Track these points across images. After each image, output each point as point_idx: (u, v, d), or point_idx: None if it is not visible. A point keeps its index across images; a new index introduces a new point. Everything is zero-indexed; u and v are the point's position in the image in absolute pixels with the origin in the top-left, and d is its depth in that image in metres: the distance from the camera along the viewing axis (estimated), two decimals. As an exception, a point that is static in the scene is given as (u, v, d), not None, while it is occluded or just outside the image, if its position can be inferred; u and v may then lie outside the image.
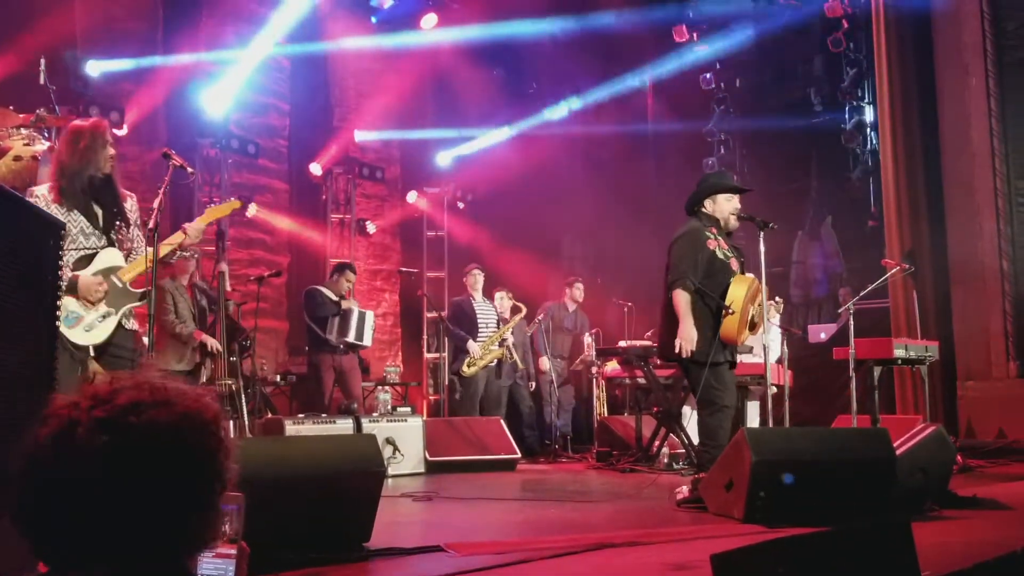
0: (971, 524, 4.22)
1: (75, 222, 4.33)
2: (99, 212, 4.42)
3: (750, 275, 5.48)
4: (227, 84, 10.25)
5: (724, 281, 5.32)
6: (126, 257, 4.48)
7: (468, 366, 8.69)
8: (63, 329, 4.19)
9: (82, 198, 4.36)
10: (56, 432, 1.18)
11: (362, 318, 8.47)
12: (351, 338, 8.35)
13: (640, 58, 12.29)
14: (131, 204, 4.61)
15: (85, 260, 4.36)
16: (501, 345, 8.92)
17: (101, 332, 4.32)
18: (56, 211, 4.25)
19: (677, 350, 5.24)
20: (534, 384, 9.55)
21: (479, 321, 8.89)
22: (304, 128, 11.64)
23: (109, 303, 4.35)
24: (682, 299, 5.28)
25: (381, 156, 12.61)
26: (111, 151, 4.44)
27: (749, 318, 5.37)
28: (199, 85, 9.97)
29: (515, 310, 9.21)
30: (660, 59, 12.13)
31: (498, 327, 8.99)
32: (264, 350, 10.11)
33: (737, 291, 5.28)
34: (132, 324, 4.52)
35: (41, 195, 4.32)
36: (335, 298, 8.45)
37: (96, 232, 4.39)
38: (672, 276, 5.36)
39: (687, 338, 5.21)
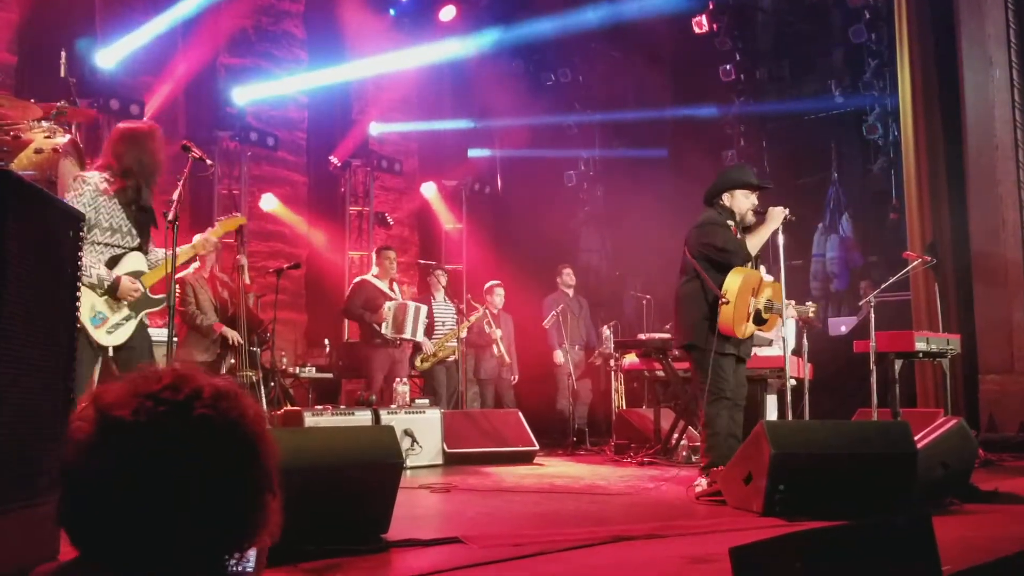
0: (993, 518, 4.19)
1: (116, 216, 4.37)
2: (138, 214, 4.48)
3: (750, 269, 5.44)
4: (245, 76, 10.28)
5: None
6: None
7: (421, 362, 8.92)
8: (88, 327, 4.29)
9: (129, 195, 4.40)
10: (120, 425, 1.17)
11: (418, 312, 8.46)
12: (407, 334, 8.37)
13: (659, 48, 12.24)
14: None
15: (114, 260, 4.41)
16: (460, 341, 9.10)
17: (122, 334, 4.43)
18: (104, 201, 4.31)
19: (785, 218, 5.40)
20: (515, 377, 9.72)
21: (436, 320, 9.09)
22: (322, 121, 11.66)
23: (131, 306, 4.45)
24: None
25: (399, 148, 12.61)
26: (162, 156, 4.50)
27: (751, 311, 5.33)
28: (218, 77, 9.99)
29: (473, 308, 9.31)
30: (679, 49, 12.08)
31: (456, 325, 9.13)
32: (283, 342, 10.15)
33: (732, 281, 5.25)
34: (146, 320, 4.67)
35: (93, 182, 4.34)
36: (385, 287, 8.53)
37: (132, 233, 4.45)
38: (731, 259, 5.34)
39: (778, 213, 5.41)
